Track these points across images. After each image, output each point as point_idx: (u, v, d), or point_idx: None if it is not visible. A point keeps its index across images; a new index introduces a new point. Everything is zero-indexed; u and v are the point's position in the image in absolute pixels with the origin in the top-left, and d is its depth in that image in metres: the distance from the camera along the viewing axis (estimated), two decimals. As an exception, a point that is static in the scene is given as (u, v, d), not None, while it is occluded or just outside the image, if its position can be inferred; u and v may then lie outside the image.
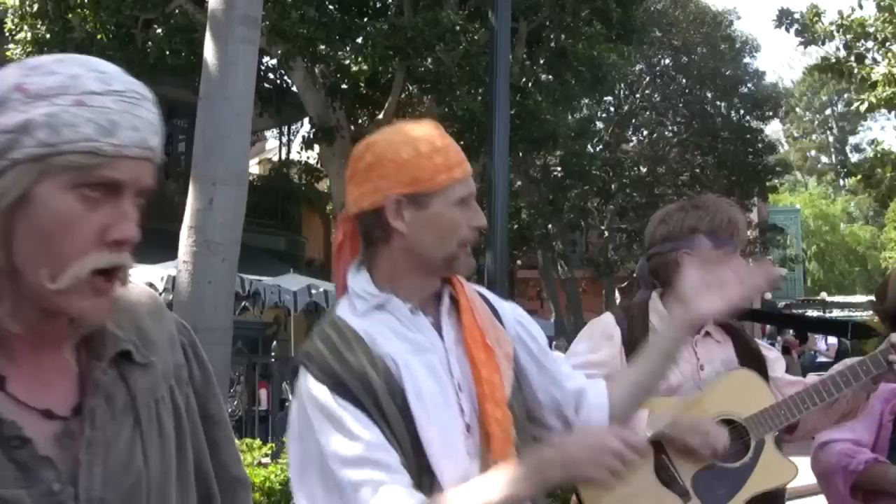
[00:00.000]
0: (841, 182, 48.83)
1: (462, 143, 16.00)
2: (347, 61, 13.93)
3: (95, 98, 0.99)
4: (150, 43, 12.79)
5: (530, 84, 14.08)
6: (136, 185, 1.03)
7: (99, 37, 12.57)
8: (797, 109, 51.06)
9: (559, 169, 21.00)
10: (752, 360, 2.41)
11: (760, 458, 2.26)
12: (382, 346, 1.56)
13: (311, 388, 1.52)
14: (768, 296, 24.49)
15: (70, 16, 12.44)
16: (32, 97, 0.98)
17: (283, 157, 21.64)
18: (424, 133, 1.61)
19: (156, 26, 12.81)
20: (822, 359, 16.40)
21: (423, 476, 1.52)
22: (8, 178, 0.97)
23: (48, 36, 12.46)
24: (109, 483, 1.05)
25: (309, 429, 1.52)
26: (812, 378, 2.47)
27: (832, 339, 16.71)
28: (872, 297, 2.84)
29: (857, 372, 2.28)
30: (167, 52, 12.61)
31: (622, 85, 23.03)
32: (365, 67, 13.72)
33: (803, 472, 2.44)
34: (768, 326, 17.99)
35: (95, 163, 0.99)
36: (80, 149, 0.98)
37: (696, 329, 2.26)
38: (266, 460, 6.50)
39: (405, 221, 1.58)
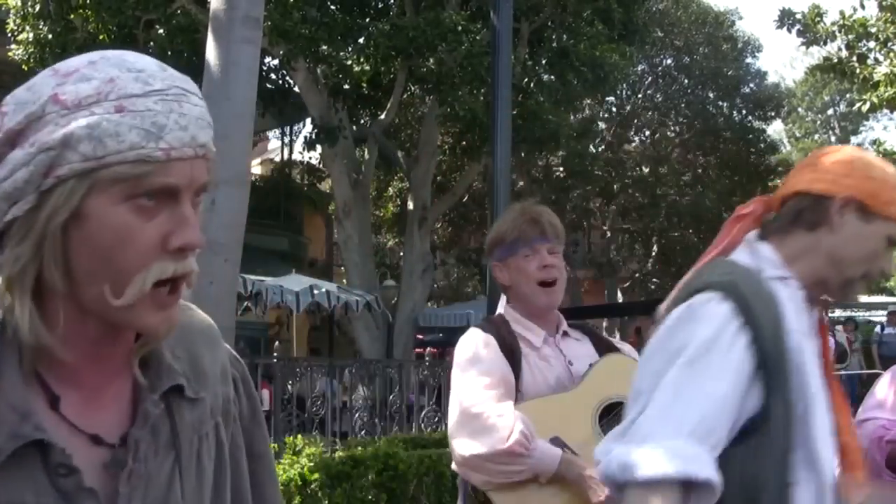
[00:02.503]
0: (843, 182, 48.69)
1: (464, 143, 16.11)
2: (349, 62, 13.93)
3: (136, 101, 0.93)
4: (151, 43, 12.80)
5: (532, 84, 14.08)
6: (191, 186, 0.99)
7: (101, 37, 12.57)
8: (799, 109, 50.91)
9: (561, 169, 21.01)
10: (610, 352, 2.51)
11: None
12: (787, 320, 1.59)
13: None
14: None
15: (72, 16, 12.45)
16: (70, 108, 0.92)
17: (285, 157, 21.66)
18: None
19: (158, 27, 12.82)
20: None
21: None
22: (56, 197, 0.92)
23: (50, 36, 12.48)
24: None
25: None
26: None
27: (829, 342, 16.62)
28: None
29: None
30: (169, 53, 12.60)
31: (624, 85, 23.01)
32: (367, 68, 13.73)
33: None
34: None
35: (146, 171, 0.93)
36: (127, 158, 0.92)
37: (554, 329, 2.45)
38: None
39: (841, 220, 1.64)
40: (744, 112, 25.11)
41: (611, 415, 2.34)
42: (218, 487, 1.13)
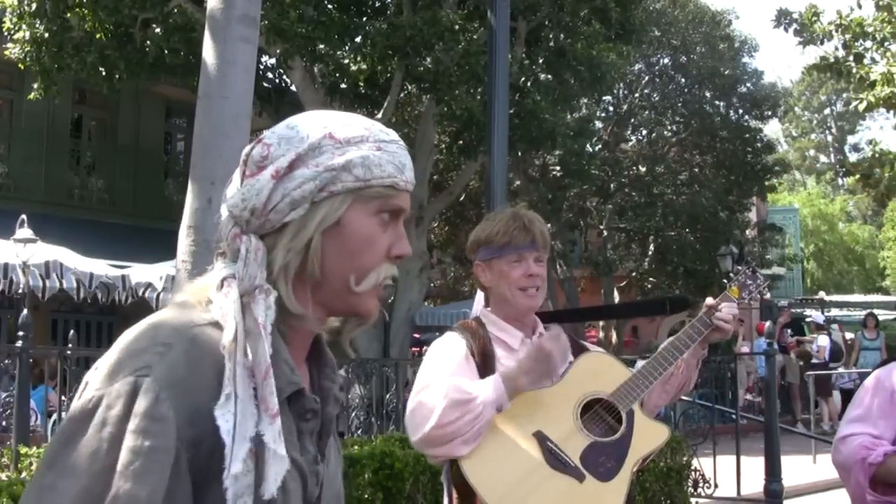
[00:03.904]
0: (839, 181, 48.82)
1: (461, 142, 16.11)
2: (346, 60, 13.93)
3: (387, 145, 1.26)
4: (148, 42, 12.78)
5: (529, 83, 14.08)
6: (406, 210, 1.29)
7: (98, 36, 12.57)
8: (796, 109, 51.01)
9: (558, 168, 20.98)
10: (583, 353, 2.58)
11: (634, 426, 2.42)
12: None
13: None
14: (767, 295, 24.49)
15: (69, 15, 12.44)
16: (342, 143, 1.22)
17: (282, 156, 21.61)
18: None
19: (154, 25, 12.80)
20: (813, 360, 16.41)
21: None
22: (326, 206, 1.21)
23: (46, 35, 12.46)
24: (327, 485, 1.27)
25: None
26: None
27: (823, 342, 16.71)
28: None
29: (690, 334, 2.53)
30: (166, 52, 12.60)
31: (621, 84, 23.04)
32: (364, 67, 13.73)
33: (801, 474, 2.47)
34: (766, 325, 17.95)
35: (392, 194, 1.25)
36: (385, 183, 1.23)
37: (531, 332, 2.53)
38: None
39: None
40: (740, 111, 25.13)
41: (591, 410, 2.40)
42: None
